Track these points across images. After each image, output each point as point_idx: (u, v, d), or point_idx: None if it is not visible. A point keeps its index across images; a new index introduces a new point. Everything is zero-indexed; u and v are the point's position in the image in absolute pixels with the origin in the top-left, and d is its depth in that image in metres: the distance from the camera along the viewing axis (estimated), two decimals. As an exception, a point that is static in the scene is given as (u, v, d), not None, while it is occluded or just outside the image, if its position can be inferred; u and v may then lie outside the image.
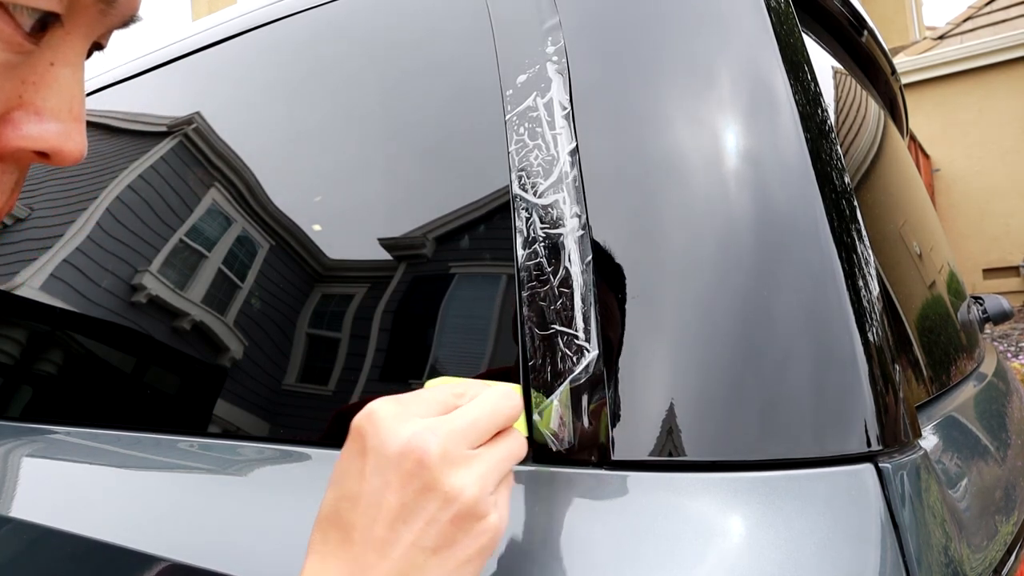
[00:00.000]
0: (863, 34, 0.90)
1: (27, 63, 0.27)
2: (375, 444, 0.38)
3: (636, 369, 0.47)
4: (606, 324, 0.49)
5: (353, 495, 0.38)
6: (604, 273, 0.49)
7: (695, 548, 0.41)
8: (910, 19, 12.24)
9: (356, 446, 0.39)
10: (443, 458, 0.38)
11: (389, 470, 0.38)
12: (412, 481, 0.38)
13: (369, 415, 0.40)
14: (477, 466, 0.39)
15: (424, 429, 0.38)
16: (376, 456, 0.38)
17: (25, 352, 0.96)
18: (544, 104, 0.54)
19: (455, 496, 0.38)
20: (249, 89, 0.81)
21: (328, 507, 0.40)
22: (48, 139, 0.28)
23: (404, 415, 0.40)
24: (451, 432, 0.39)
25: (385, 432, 0.39)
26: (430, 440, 0.38)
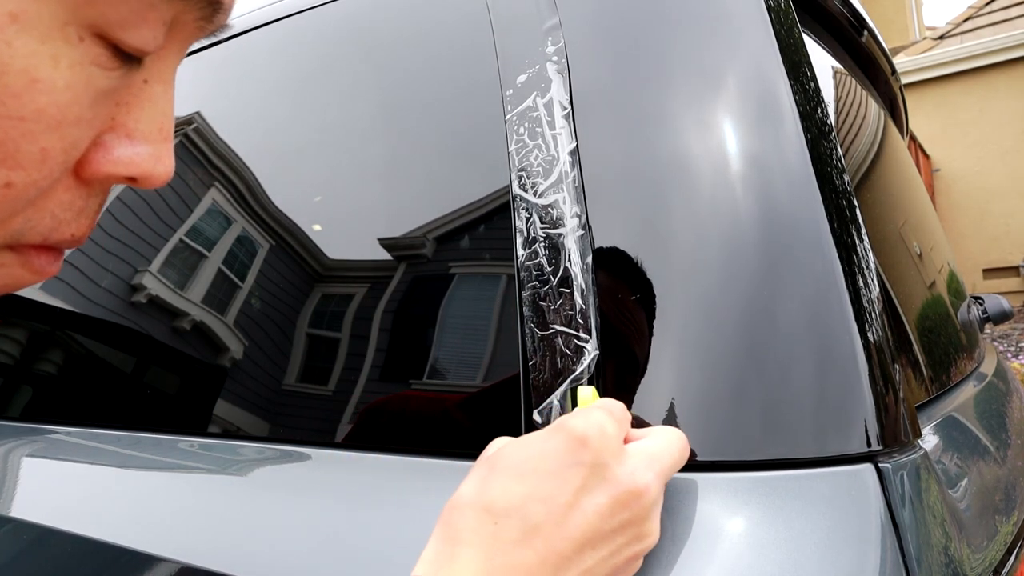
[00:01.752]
0: (863, 34, 0.90)
1: (123, 83, 0.25)
2: (601, 461, 0.37)
3: (636, 369, 0.47)
4: (606, 324, 0.49)
5: (552, 501, 0.36)
6: (604, 273, 0.49)
7: (695, 547, 0.41)
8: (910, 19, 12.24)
9: (574, 454, 0.38)
10: (655, 501, 0.38)
11: (605, 493, 0.37)
12: (622, 512, 0.37)
13: (600, 429, 0.38)
14: (660, 511, 0.40)
15: (644, 467, 0.38)
16: (598, 474, 0.37)
17: (25, 352, 0.96)
18: (544, 104, 0.54)
19: (645, 537, 0.38)
20: (249, 89, 0.81)
21: (510, 499, 0.37)
22: (139, 164, 0.27)
23: (622, 442, 0.39)
24: (660, 475, 0.39)
25: (612, 453, 0.38)
26: (653, 480, 0.38)
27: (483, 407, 0.54)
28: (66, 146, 0.23)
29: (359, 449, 0.59)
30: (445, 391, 0.56)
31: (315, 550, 0.52)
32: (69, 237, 0.27)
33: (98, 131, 0.25)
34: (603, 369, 0.48)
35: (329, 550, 0.52)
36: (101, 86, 0.24)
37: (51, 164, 0.23)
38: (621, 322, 0.48)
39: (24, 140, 0.22)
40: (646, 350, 0.47)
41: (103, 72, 0.24)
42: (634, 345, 0.48)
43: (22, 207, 0.24)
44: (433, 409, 0.57)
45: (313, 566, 0.51)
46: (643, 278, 0.48)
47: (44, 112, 0.22)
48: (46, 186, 0.24)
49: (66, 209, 0.26)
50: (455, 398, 0.56)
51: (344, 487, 0.56)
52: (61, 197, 0.25)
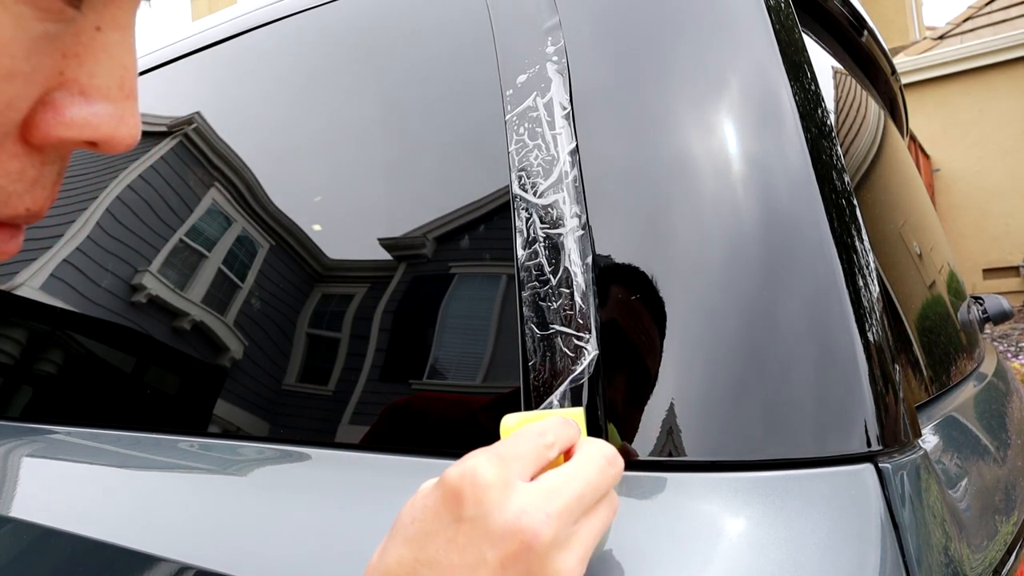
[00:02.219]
0: (863, 34, 0.90)
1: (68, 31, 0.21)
2: (476, 514, 0.35)
3: (636, 369, 0.47)
4: (606, 324, 0.49)
5: (439, 563, 0.34)
6: (604, 273, 0.49)
7: (696, 547, 0.41)
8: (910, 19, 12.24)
9: (451, 510, 0.35)
10: (552, 542, 0.35)
11: (488, 547, 0.34)
12: (514, 564, 0.34)
13: (472, 478, 0.35)
14: (578, 546, 0.36)
15: (533, 508, 0.35)
16: (476, 528, 0.34)
17: (25, 352, 0.96)
18: (544, 104, 0.54)
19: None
20: (249, 89, 0.81)
21: (403, 567, 0.35)
22: (98, 125, 0.23)
23: (508, 482, 0.36)
24: (560, 512, 0.35)
25: (490, 504, 0.35)
26: (541, 524, 0.34)
27: (484, 407, 0.54)
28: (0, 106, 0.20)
29: (367, 450, 0.59)
30: (445, 391, 0.56)
31: (315, 550, 0.52)
32: (24, 212, 0.24)
33: (44, 88, 0.22)
34: (603, 369, 0.48)
35: (329, 550, 0.52)
36: (36, 32, 0.20)
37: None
38: (621, 322, 0.48)
39: None
40: (646, 350, 0.47)
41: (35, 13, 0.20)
42: (634, 345, 0.48)
43: None
44: (439, 409, 0.57)
45: (313, 566, 0.51)
46: (643, 278, 0.48)
47: None
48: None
49: (15, 180, 0.23)
50: (459, 398, 0.56)
51: (344, 487, 0.56)
52: (7, 167, 0.22)
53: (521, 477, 0.37)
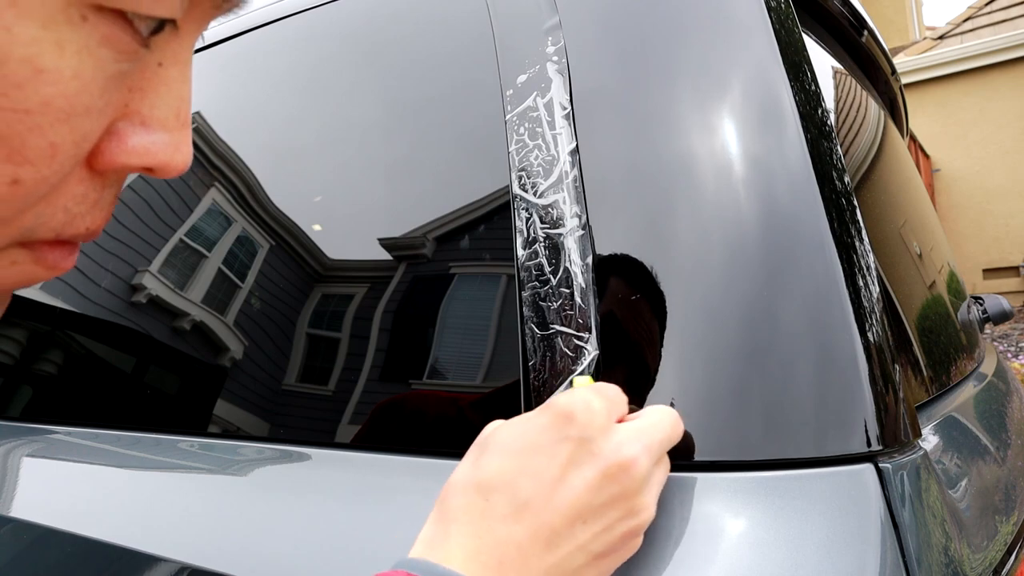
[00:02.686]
0: (863, 34, 0.90)
1: (136, 68, 0.23)
2: (584, 435, 0.37)
3: (636, 369, 0.47)
4: (606, 324, 0.49)
5: (540, 474, 0.36)
6: (604, 273, 0.49)
7: (696, 547, 0.41)
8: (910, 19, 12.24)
9: (560, 429, 0.38)
10: (644, 475, 0.38)
11: (592, 466, 0.37)
12: (611, 485, 0.37)
13: (585, 403, 0.38)
14: (656, 486, 0.40)
15: (632, 440, 0.38)
16: (584, 448, 0.37)
17: (25, 352, 0.96)
18: (544, 104, 0.54)
19: (639, 512, 0.38)
20: (249, 89, 0.81)
21: (503, 475, 0.37)
22: (156, 153, 0.25)
23: (611, 415, 0.39)
24: (650, 448, 0.39)
25: (597, 428, 0.38)
26: (641, 453, 0.38)
27: (484, 407, 0.54)
28: (77, 138, 0.22)
29: (368, 450, 0.59)
30: (445, 391, 0.56)
31: (315, 550, 0.52)
32: (84, 231, 0.25)
33: (111, 119, 0.23)
34: (603, 369, 0.48)
35: (329, 550, 0.52)
36: (112, 71, 0.22)
37: (61, 158, 0.22)
38: (621, 322, 0.48)
39: (31, 134, 0.20)
40: (647, 350, 0.47)
41: (113, 55, 0.22)
42: (635, 345, 0.48)
43: (33, 203, 0.22)
44: (439, 408, 0.57)
45: (313, 566, 0.51)
46: (643, 278, 0.48)
47: (51, 104, 0.20)
48: (57, 181, 0.22)
49: (79, 202, 0.24)
50: (460, 398, 0.56)
51: (344, 487, 0.56)
52: (74, 190, 0.24)
53: (613, 418, 0.40)
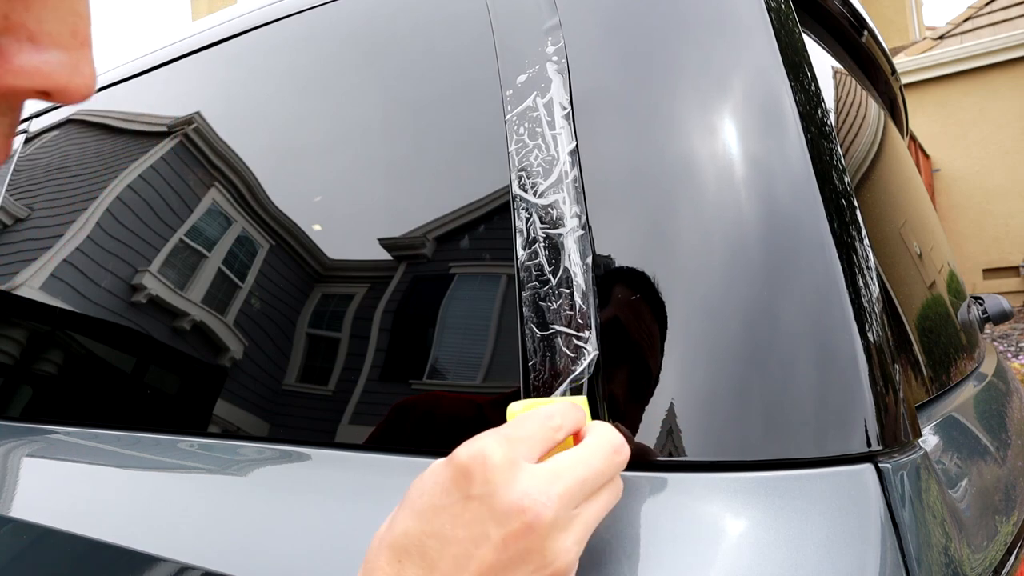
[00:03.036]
0: (863, 34, 0.90)
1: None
2: (483, 492, 0.36)
3: (636, 369, 0.47)
4: (606, 324, 0.49)
5: (445, 536, 0.36)
6: (604, 273, 0.49)
7: (696, 547, 0.41)
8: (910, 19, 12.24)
9: (459, 487, 0.37)
10: (552, 524, 0.36)
11: (493, 524, 0.36)
12: (516, 542, 0.35)
13: (482, 458, 0.36)
14: (577, 528, 0.37)
15: (537, 490, 0.36)
16: (482, 506, 0.36)
17: (25, 352, 0.96)
18: (544, 104, 0.54)
19: (552, 562, 0.36)
20: (249, 89, 0.81)
21: (410, 538, 0.37)
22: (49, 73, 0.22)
23: (515, 463, 0.37)
24: (563, 495, 0.37)
25: (496, 483, 0.36)
26: (543, 506, 0.36)
27: (484, 407, 0.54)
28: None
29: (367, 450, 0.59)
30: (445, 391, 0.56)
31: (315, 550, 0.52)
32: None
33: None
34: (603, 369, 0.48)
35: (329, 550, 0.52)
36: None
37: None
38: (621, 322, 0.48)
39: None
40: (646, 351, 0.47)
41: None
42: (634, 345, 0.48)
43: None
44: (439, 409, 0.57)
45: (313, 566, 0.51)
46: (643, 278, 0.48)
47: None
48: None
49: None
50: (460, 398, 0.56)
51: (344, 487, 0.56)
52: None
53: (528, 459, 0.38)
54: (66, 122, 1.05)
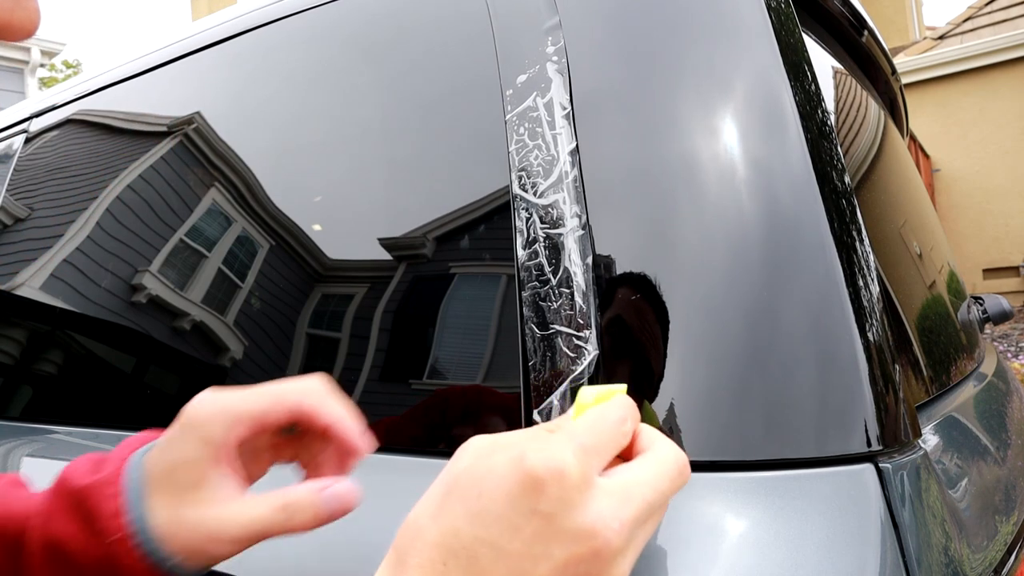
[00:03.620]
0: (863, 34, 0.90)
1: None
2: (553, 511, 0.33)
3: (637, 369, 0.47)
4: (606, 324, 0.49)
5: (501, 548, 0.33)
6: (604, 273, 0.49)
7: (696, 547, 0.41)
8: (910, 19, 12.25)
9: (529, 499, 0.33)
10: (620, 550, 0.34)
11: (557, 545, 0.33)
12: (578, 566, 0.33)
13: (560, 475, 0.33)
14: (634, 551, 0.35)
15: (610, 515, 0.34)
16: (550, 525, 0.33)
17: (25, 352, 0.96)
18: (544, 104, 0.54)
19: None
20: (249, 89, 0.81)
21: (461, 541, 0.34)
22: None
23: (589, 482, 0.34)
24: (633, 520, 0.34)
25: (571, 504, 0.33)
26: (615, 533, 0.33)
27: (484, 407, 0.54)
28: None
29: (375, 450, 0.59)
30: (445, 391, 0.56)
31: (315, 550, 0.52)
32: None
33: None
34: (603, 369, 0.48)
35: (329, 550, 0.52)
36: None
37: None
38: (621, 322, 0.48)
39: None
40: (647, 351, 0.47)
41: None
42: (635, 346, 0.48)
43: None
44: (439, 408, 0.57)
45: (313, 566, 0.51)
46: (644, 278, 0.48)
47: None
48: None
49: None
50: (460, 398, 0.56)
51: (344, 487, 0.56)
52: None
53: (599, 471, 0.36)
54: (66, 122, 1.05)
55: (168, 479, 0.43)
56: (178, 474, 0.43)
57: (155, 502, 0.43)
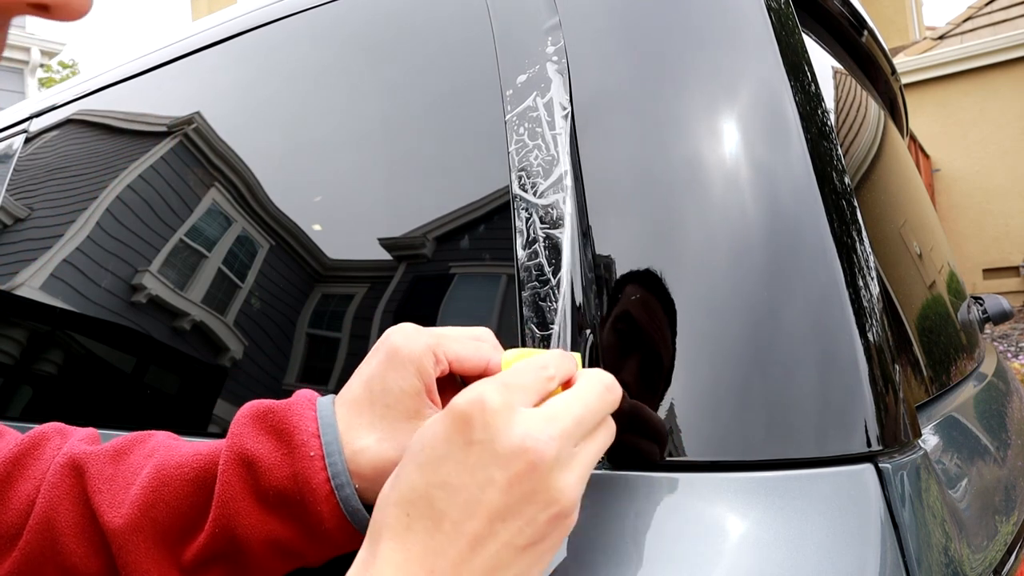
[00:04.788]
0: (863, 34, 0.90)
1: None
2: (485, 438, 0.37)
3: (636, 370, 0.47)
4: (606, 324, 0.49)
5: (451, 485, 0.37)
6: (605, 273, 0.49)
7: (696, 547, 0.41)
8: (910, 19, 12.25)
9: (461, 434, 0.37)
10: (555, 462, 0.37)
11: (497, 468, 0.36)
12: (520, 483, 0.36)
13: (480, 404, 0.37)
14: (578, 467, 0.39)
15: (537, 431, 0.37)
16: (485, 451, 0.37)
17: (25, 352, 0.96)
18: (544, 104, 0.54)
19: (558, 499, 0.37)
20: (249, 89, 0.81)
21: (416, 490, 0.37)
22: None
23: (513, 407, 0.38)
24: (562, 434, 0.38)
25: (497, 428, 0.37)
26: (545, 445, 0.37)
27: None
28: None
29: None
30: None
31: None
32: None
33: None
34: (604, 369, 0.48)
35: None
36: None
37: None
38: (621, 322, 0.48)
39: None
40: (646, 351, 0.47)
41: None
42: (634, 346, 0.48)
43: None
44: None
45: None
46: (643, 278, 0.48)
47: None
48: None
49: None
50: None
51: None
52: None
53: (524, 404, 0.39)
54: (66, 122, 1.05)
55: (382, 405, 0.44)
56: (394, 401, 0.44)
57: (357, 422, 0.44)
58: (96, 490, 0.46)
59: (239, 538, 0.43)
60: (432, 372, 0.44)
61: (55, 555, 0.46)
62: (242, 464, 0.44)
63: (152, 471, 0.46)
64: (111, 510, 0.45)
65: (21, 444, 0.51)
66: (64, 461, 0.48)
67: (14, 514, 0.47)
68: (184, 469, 0.45)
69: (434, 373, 0.45)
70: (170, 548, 0.45)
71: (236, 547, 0.44)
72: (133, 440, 0.50)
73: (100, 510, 0.45)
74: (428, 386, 0.44)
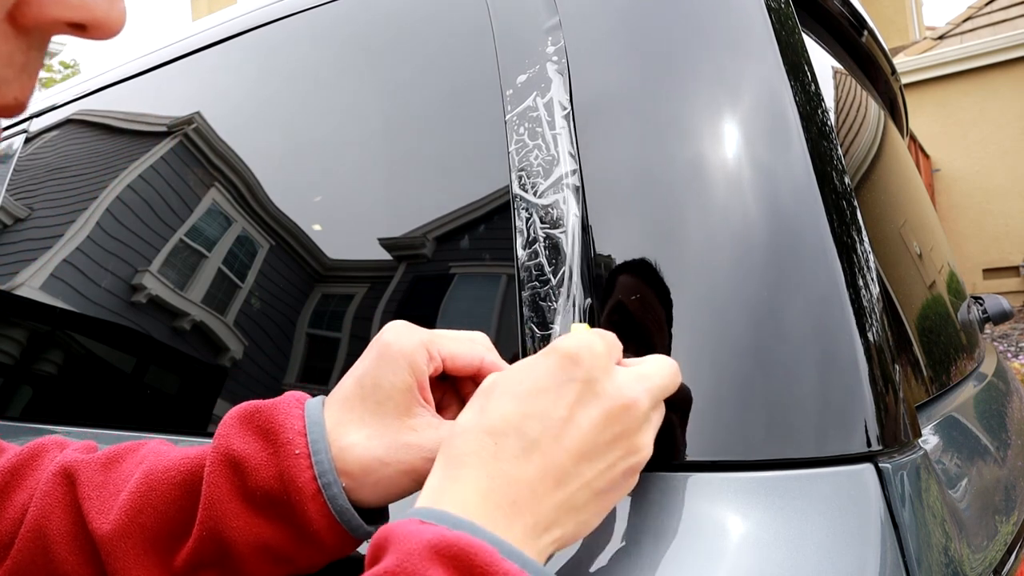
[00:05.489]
0: (863, 34, 0.90)
1: None
2: (592, 376, 0.38)
3: (636, 369, 0.47)
4: (607, 324, 0.49)
5: (547, 416, 0.37)
6: (605, 273, 0.49)
7: (697, 547, 0.41)
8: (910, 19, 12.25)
9: (566, 371, 0.38)
10: (644, 415, 0.39)
11: (597, 406, 0.38)
12: (614, 425, 0.38)
13: (589, 347, 0.39)
14: (653, 429, 0.41)
15: (633, 381, 0.40)
16: (589, 389, 0.38)
17: (25, 352, 0.96)
18: (544, 104, 0.54)
19: (638, 450, 0.39)
20: (249, 89, 0.81)
21: (508, 420, 0.37)
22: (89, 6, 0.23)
23: (612, 358, 0.40)
24: (651, 393, 0.40)
25: (602, 369, 0.39)
26: (642, 395, 0.39)
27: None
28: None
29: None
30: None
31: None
32: (12, 100, 0.24)
33: None
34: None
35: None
36: None
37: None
38: (621, 322, 0.48)
39: None
40: (646, 351, 0.47)
41: None
42: (634, 346, 0.48)
43: None
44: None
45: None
46: (643, 278, 0.48)
47: None
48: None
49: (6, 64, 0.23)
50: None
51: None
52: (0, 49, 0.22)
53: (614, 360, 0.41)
54: (66, 122, 1.05)
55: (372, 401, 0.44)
56: (384, 397, 0.44)
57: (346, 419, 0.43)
58: (86, 497, 0.45)
59: (227, 541, 0.42)
60: (425, 368, 0.44)
61: (47, 563, 0.45)
62: (228, 465, 0.43)
63: (140, 477, 0.45)
64: (99, 517, 0.44)
65: (19, 455, 0.50)
66: (56, 470, 0.47)
67: (8, 523, 0.47)
68: (171, 473, 0.45)
69: (427, 370, 0.44)
70: (160, 554, 0.44)
71: (225, 551, 0.43)
72: (126, 448, 0.49)
73: (89, 517, 0.45)
74: (420, 383, 0.44)
